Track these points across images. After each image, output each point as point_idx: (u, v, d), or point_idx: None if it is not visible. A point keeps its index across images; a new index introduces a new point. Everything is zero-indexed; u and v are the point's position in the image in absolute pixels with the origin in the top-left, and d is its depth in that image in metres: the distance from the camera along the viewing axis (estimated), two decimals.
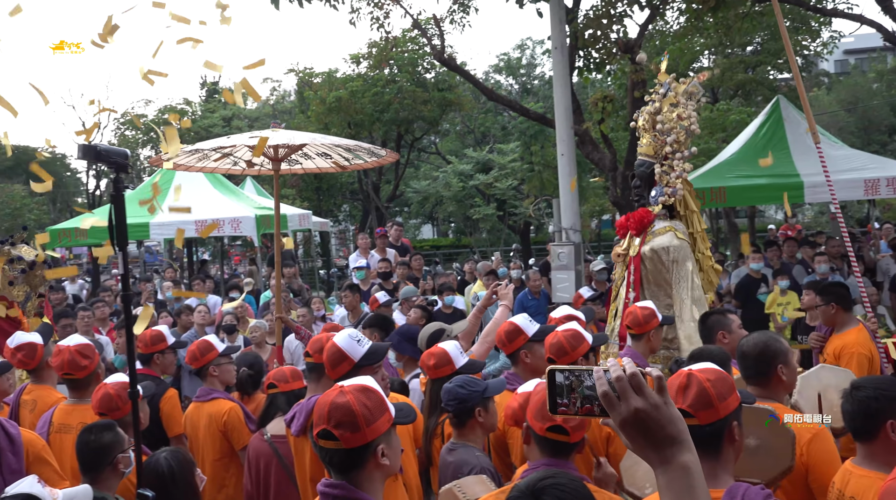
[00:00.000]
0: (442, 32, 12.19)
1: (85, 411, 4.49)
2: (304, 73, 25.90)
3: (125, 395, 4.11)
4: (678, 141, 6.15)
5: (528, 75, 37.68)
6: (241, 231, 14.29)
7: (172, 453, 3.77)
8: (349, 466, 2.61)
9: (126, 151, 3.17)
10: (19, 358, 5.07)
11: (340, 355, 3.80)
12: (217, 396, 5.18)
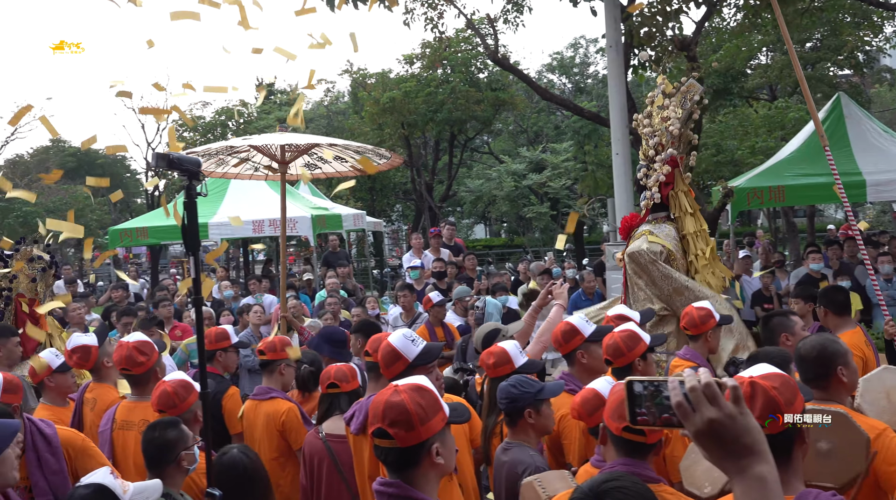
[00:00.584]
0: (496, 32, 12.18)
1: (146, 409, 4.54)
2: (358, 74, 26.08)
3: (183, 392, 4.20)
4: (661, 143, 6.14)
5: (581, 74, 37.43)
6: (296, 231, 14.47)
7: (246, 448, 3.81)
8: (404, 464, 2.63)
9: (198, 159, 3.26)
10: (75, 360, 5.18)
11: (395, 355, 3.82)
12: (275, 395, 5.21)
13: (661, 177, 6.10)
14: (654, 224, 6.19)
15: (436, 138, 25.04)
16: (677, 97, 6.22)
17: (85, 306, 10.42)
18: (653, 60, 10.88)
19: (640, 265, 6.00)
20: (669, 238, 6.04)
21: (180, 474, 3.69)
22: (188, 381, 4.27)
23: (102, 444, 4.62)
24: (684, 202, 6.17)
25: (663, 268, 5.89)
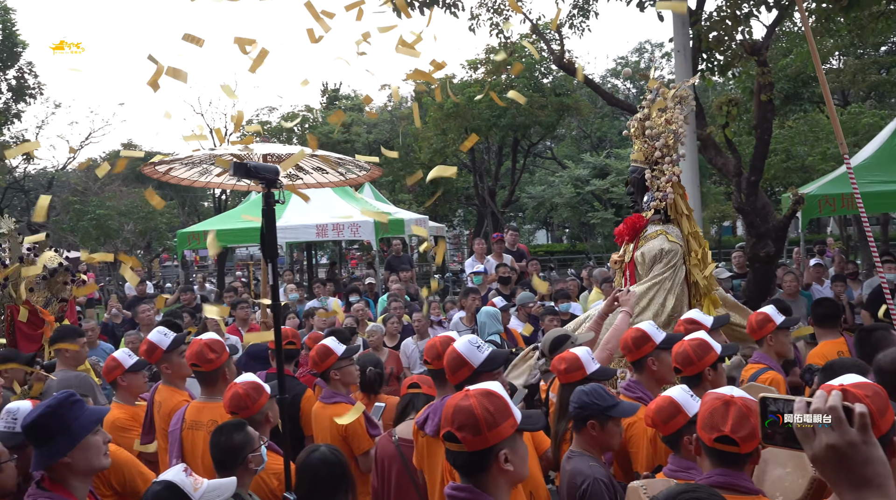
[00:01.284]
0: (562, 37, 12.13)
1: (214, 409, 4.61)
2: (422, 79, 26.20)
3: (254, 394, 4.25)
4: (667, 145, 6.21)
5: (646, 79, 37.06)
6: (359, 235, 14.61)
7: (333, 448, 3.85)
8: (473, 469, 2.65)
9: (276, 167, 3.31)
10: (143, 350, 5.31)
11: (460, 361, 3.83)
12: (340, 400, 5.26)
13: (673, 177, 6.24)
14: (663, 225, 6.30)
15: (499, 144, 25.02)
16: (674, 102, 6.32)
17: (154, 308, 10.66)
18: (722, 65, 10.73)
19: (665, 263, 6.11)
20: (680, 239, 6.19)
21: (248, 475, 3.74)
22: (259, 383, 4.33)
23: (172, 443, 4.71)
24: (681, 205, 6.31)
25: (681, 272, 6.08)
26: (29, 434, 3.19)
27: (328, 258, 35.24)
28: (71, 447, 3.15)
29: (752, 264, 9.71)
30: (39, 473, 3.23)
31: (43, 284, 6.86)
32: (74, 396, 3.24)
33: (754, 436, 2.96)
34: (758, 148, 9.48)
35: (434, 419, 3.92)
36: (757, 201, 9.43)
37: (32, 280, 6.77)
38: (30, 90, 28.10)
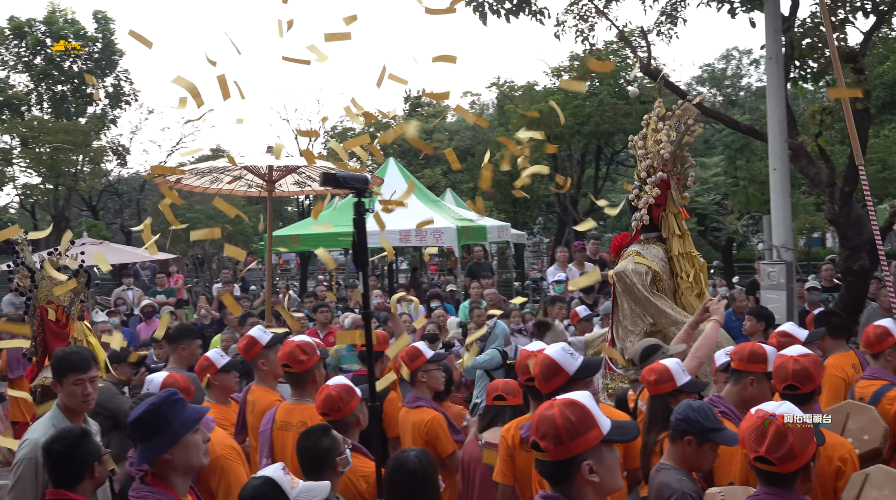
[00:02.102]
0: (649, 44, 11.98)
1: (304, 411, 4.71)
2: (505, 86, 26.21)
3: (346, 396, 4.31)
4: (653, 166, 6.25)
5: (733, 86, 36.30)
6: (442, 242, 14.67)
7: (422, 452, 3.88)
8: (558, 478, 2.66)
9: (366, 177, 3.37)
10: (242, 346, 5.43)
11: (555, 368, 3.82)
12: (422, 404, 5.32)
13: (650, 199, 6.24)
14: (643, 245, 6.34)
15: (582, 151, 24.81)
16: (672, 120, 6.30)
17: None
18: (815, 73, 10.44)
19: (626, 285, 6.14)
20: (657, 259, 6.17)
21: (336, 477, 3.78)
22: (350, 386, 4.40)
23: (263, 443, 4.82)
24: (673, 224, 6.31)
25: (641, 291, 6.05)
26: (133, 430, 3.27)
27: (408, 264, 35.47)
28: (171, 444, 3.21)
29: (846, 278, 9.42)
30: (142, 469, 3.33)
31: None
32: (176, 394, 3.32)
33: (794, 456, 2.92)
34: (851, 158, 9.20)
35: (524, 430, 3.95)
36: (851, 213, 9.15)
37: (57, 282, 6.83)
38: (125, 97, 29.12)
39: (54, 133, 23.69)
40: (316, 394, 4.54)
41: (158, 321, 11.62)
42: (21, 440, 4.11)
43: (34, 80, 27.73)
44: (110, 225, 30.90)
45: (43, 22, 27.34)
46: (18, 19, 27.14)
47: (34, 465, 3.93)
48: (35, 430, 4.12)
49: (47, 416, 4.24)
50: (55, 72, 27.46)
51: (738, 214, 21.89)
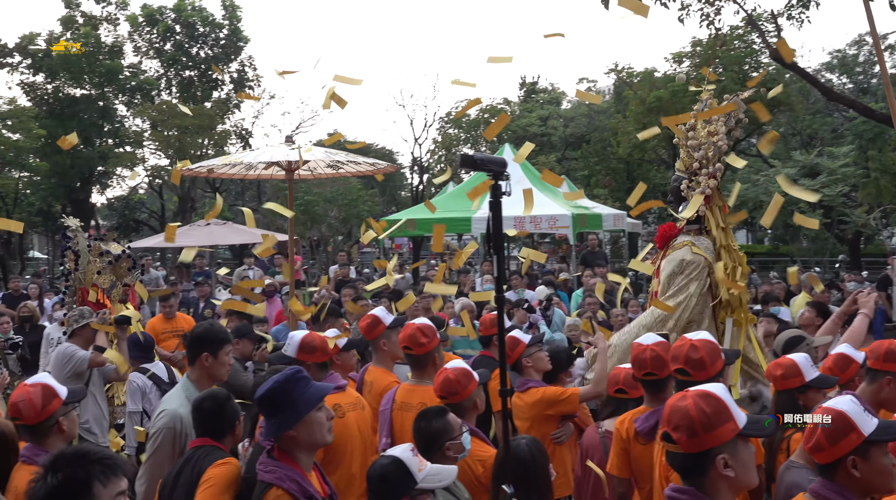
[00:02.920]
0: (779, 29, 11.55)
1: (424, 392, 4.75)
2: (623, 72, 25.75)
3: (464, 380, 4.31)
4: (706, 157, 6.13)
5: (865, 73, 34.59)
6: (557, 229, 14.56)
7: (532, 440, 3.88)
8: (690, 471, 2.61)
9: (504, 160, 3.35)
10: (365, 324, 5.48)
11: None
12: (532, 385, 5.33)
13: (706, 190, 6.10)
14: (693, 236, 6.22)
15: None
16: (719, 113, 6.18)
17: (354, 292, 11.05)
18: None
19: (682, 273, 6.02)
20: (709, 251, 6.10)
21: (446, 461, 3.79)
22: (469, 369, 4.41)
23: (383, 423, 4.90)
24: (718, 217, 6.21)
25: (695, 287, 5.95)
26: (260, 406, 3.35)
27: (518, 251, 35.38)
28: (296, 421, 3.28)
29: None
30: (269, 443, 3.41)
31: (108, 269, 7.61)
32: (301, 372, 3.37)
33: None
34: None
35: (651, 419, 3.90)
36: None
37: (100, 265, 7.57)
38: (249, 82, 29.99)
39: (182, 116, 24.62)
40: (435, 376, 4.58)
41: (279, 301, 11.96)
42: (158, 411, 4.24)
43: (164, 65, 28.87)
44: (232, 206, 31.93)
45: (173, 10, 28.41)
46: (150, 7, 28.30)
47: (173, 434, 4.09)
48: (171, 401, 4.27)
49: (179, 388, 4.41)
50: (183, 58, 28.51)
51: (868, 207, 20.91)
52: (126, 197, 32.00)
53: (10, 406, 3.73)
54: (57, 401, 3.79)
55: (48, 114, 25.70)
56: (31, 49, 25.84)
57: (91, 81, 26.39)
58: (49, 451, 3.47)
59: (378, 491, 3.21)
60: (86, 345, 6.72)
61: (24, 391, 3.77)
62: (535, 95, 38.86)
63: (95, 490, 2.42)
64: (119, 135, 27.65)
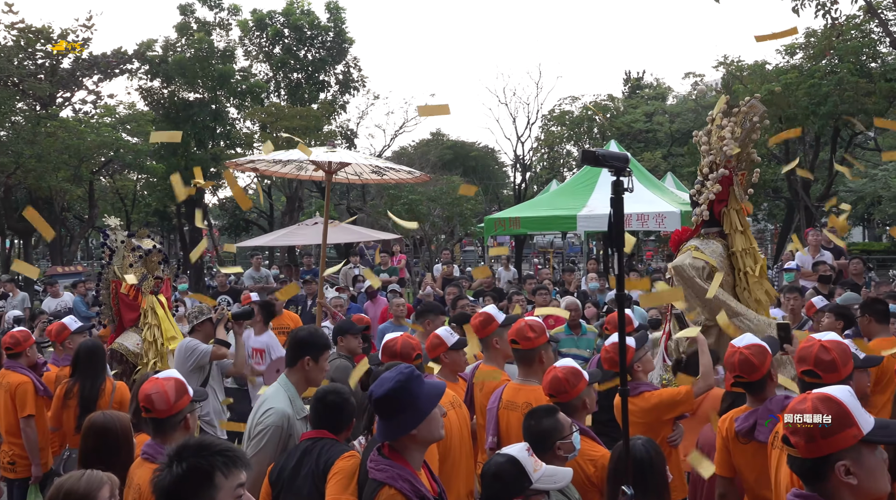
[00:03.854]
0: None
1: (530, 392, 4.76)
2: (732, 65, 25.04)
3: (573, 379, 4.30)
4: (716, 162, 6.27)
5: None
6: (664, 226, 14.28)
7: (649, 441, 3.81)
8: (811, 477, 2.53)
9: (626, 155, 3.31)
10: (478, 322, 5.50)
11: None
12: (644, 389, 5.23)
13: (711, 195, 6.26)
14: (702, 239, 6.35)
15: (816, 134, 23.25)
16: (738, 117, 6.31)
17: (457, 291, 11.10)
18: None
19: (685, 278, 6.15)
20: (715, 254, 6.19)
21: (557, 461, 3.76)
22: (578, 368, 4.38)
23: (489, 421, 4.92)
24: (735, 220, 6.31)
25: (700, 284, 6.05)
26: (379, 406, 3.30)
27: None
28: (419, 421, 3.24)
29: None
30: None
31: (140, 262, 8.00)
32: (416, 371, 3.36)
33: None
34: None
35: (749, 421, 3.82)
36: None
37: (132, 259, 8.02)
38: (354, 83, 30.49)
39: (290, 118, 25.18)
40: (542, 375, 4.58)
41: (384, 299, 12.11)
42: (265, 409, 4.28)
43: (273, 68, 29.61)
44: (337, 205, 32.51)
45: (282, 14, 29.11)
46: (260, 12, 29.06)
47: (280, 432, 4.16)
48: (276, 399, 4.31)
49: (279, 387, 4.45)
50: (292, 61, 29.18)
51: None
52: None
53: (144, 398, 3.79)
54: (187, 397, 3.90)
55: (164, 117, 26.68)
56: (149, 55, 26.89)
57: (204, 85, 27.29)
58: None
59: (492, 489, 3.20)
60: (206, 340, 6.98)
61: (157, 384, 3.84)
62: (639, 90, 38.21)
63: (217, 481, 2.47)
64: (230, 137, 28.48)
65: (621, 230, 3.31)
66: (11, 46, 22.63)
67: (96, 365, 6.15)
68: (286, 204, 29.09)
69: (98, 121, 23.60)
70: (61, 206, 23.41)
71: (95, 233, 36.36)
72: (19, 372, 6.59)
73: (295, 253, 25.85)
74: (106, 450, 3.74)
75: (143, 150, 23.58)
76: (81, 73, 25.32)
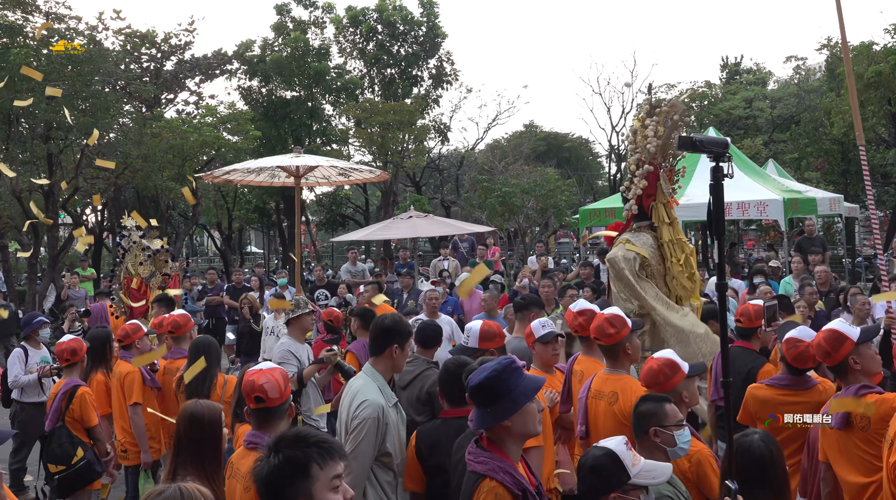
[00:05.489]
0: None
1: (617, 381, 4.80)
2: (837, 47, 24.10)
3: (668, 371, 4.27)
4: (641, 160, 6.72)
5: None
6: (766, 215, 13.88)
7: (766, 435, 3.70)
8: None
9: (726, 140, 3.22)
10: (579, 322, 5.50)
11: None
12: (867, 392, 5.14)
13: (637, 191, 6.71)
14: (634, 232, 6.78)
15: None
16: (660, 116, 6.71)
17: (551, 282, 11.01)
18: None
19: (616, 271, 6.57)
20: (646, 246, 6.60)
21: (653, 448, 3.72)
22: (674, 360, 4.31)
23: (579, 410, 4.98)
24: (662, 213, 6.71)
25: (628, 277, 6.48)
26: (474, 395, 3.31)
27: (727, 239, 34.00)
28: (513, 412, 3.23)
29: None
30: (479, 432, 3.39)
31: (149, 260, 9.29)
32: (515, 362, 3.35)
33: None
34: None
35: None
36: None
37: (141, 258, 9.23)
38: (447, 77, 30.60)
39: (384, 114, 25.47)
40: (629, 366, 4.65)
41: (479, 293, 12.12)
42: (359, 401, 4.32)
43: (367, 65, 29.98)
44: (432, 200, 32.73)
45: (375, 10, 29.44)
46: (354, 9, 29.45)
47: (377, 424, 4.22)
48: (368, 391, 4.36)
49: (367, 378, 4.47)
50: (385, 56, 29.49)
51: None
52: (332, 193, 33.59)
53: (256, 388, 3.85)
54: (289, 387, 4.01)
55: (262, 116, 27.36)
56: (247, 56, 27.59)
57: (300, 83, 27.83)
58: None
59: (589, 482, 3.15)
60: (302, 334, 7.11)
61: (267, 374, 3.91)
62: (738, 76, 37.20)
63: (313, 472, 2.50)
64: (326, 133, 28.99)
65: (721, 218, 3.21)
66: (119, 51, 23.52)
67: (208, 359, 6.35)
68: (381, 199, 29.46)
69: (200, 121, 24.31)
70: (167, 204, 24.23)
71: (199, 229, 37.59)
72: (129, 362, 6.89)
73: (390, 247, 26.15)
74: (198, 435, 3.85)
75: (243, 148, 24.19)
76: (184, 75, 26.14)
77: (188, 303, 14.34)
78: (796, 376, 4.93)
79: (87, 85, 18.58)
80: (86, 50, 18.27)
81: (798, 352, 4.84)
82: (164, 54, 25.63)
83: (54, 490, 6.47)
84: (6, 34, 18.39)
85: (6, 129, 18.04)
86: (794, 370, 4.93)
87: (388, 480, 4.34)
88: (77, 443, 6.30)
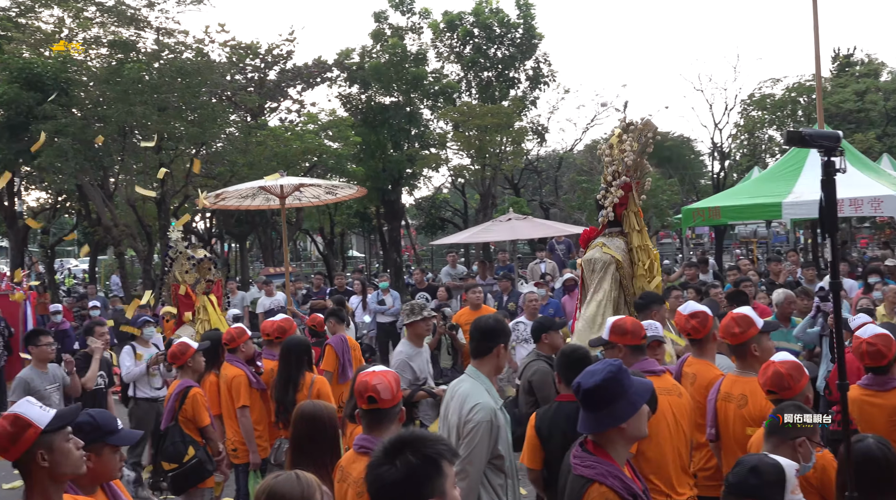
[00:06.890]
0: None
1: (745, 383, 4.73)
2: None
3: (796, 374, 4.17)
4: (618, 171, 7.31)
5: None
6: (881, 211, 13.23)
7: (880, 439, 3.57)
8: None
9: (838, 134, 3.08)
10: (692, 325, 5.40)
11: None
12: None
13: (615, 199, 7.28)
14: (608, 237, 7.38)
15: None
16: (635, 133, 7.36)
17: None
18: None
19: (594, 271, 7.25)
20: (619, 250, 7.22)
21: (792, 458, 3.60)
22: (799, 363, 4.22)
23: (708, 412, 4.95)
24: (633, 221, 7.33)
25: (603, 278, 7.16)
26: (588, 398, 3.23)
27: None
28: (631, 414, 3.17)
29: None
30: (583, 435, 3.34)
31: (194, 269, 10.12)
32: (622, 364, 3.30)
33: None
34: None
35: None
36: None
37: (187, 266, 10.12)
38: (544, 78, 30.43)
39: (481, 116, 25.49)
40: (759, 367, 4.47)
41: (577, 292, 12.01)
42: (471, 405, 4.27)
43: (464, 68, 30.06)
44: (530, 201, 32.57)
45: (471, 13, 29.49)
46: (451, 13, 29.58)
47: (490, 427, 4.18)
48: (479, 395, 4.31)
49: (474, 381, 4.43)
50: (482, 59, 29.51)
51: None
52: (432, 197, 33.78)
53: (370, 389, 3.86)
54: (400, 391, 4.04)
55: (362, 122, 27.75)
56: (347, 63, 28.06)
57: (399, 89, 28.13)
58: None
59: (743, 477, 2.87)
60: (419, 340, 7.29)
61: (380, 376, 3.93)
62: (848, 68, 35.77)
63: (445, 469, 2.49)
64: (424, 138, 29.20)
65: (834, 214, 3.08)
66: (225, 63, 24.28)
67: (296, 360, 6.60)
68: (480, 202, 29.49)
69: (302, 128, 24.88)
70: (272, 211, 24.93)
71: (302, 235, 38.40)
72: (235, 365, 7.15)
73: (489, 249, 26.14)
74: (317, 436, 3.91)
75: (344, 154, 24.62)
76: (286, 84, 26.78)
77: (294, 306, 14.64)
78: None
79: (196, 96, 19.25)
80: (193, 62, 18.91)
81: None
82: (268, 64, 26.33)
83: (168, 488, 6.78)
84: (121, 50, 19.22)
85: (121, 141, 18.85)
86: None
87: (500, 483, 4.29)
88: (189, 442, 6.58)
